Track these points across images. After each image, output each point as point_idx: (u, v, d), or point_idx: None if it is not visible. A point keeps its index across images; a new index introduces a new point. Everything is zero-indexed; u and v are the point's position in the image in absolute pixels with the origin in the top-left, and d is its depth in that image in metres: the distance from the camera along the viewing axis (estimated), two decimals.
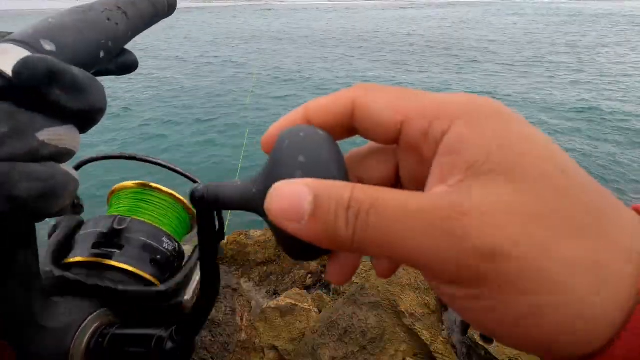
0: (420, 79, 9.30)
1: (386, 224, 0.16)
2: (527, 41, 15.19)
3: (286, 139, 0.19)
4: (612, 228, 0.16)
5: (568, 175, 0.16)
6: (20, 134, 0.19)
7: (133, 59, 0.31)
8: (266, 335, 1.54)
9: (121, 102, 7.58)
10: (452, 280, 0.16)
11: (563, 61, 11.30)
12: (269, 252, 2.08)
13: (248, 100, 7.56)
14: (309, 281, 2.04)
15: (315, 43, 15.85)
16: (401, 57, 12.36)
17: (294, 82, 9.16)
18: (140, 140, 5.92)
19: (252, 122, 6.04)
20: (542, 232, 0.15)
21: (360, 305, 1.51)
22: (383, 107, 0.19)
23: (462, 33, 19.06)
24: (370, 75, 9.73)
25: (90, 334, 0.28)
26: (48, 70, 0.19)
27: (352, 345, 1.41)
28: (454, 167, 0.17)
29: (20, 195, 0.18)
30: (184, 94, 8.25)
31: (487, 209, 0.15)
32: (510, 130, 0.17)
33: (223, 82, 8.95)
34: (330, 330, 1.46)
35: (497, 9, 39.27)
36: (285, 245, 0.20)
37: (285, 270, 2.07)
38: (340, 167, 0.19)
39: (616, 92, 7.95)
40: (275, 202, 0.17)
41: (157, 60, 11.80)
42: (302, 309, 1.60)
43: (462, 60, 11.55)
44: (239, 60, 12.22)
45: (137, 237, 0.35)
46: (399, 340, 1.42)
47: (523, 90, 8.17)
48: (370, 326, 1.44)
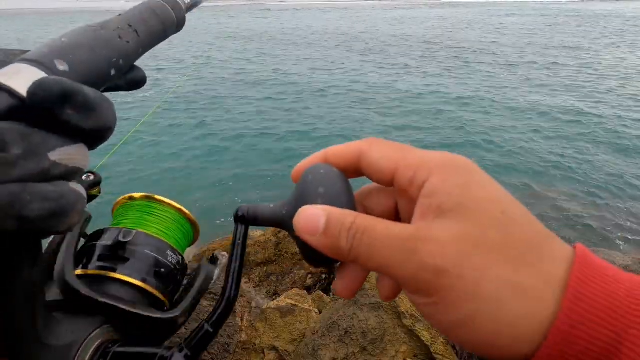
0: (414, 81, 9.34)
1: (373, 243, 0.22)
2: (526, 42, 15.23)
3: (310, 174, 0.26)
4: (539, 258, 0.21)
5: (507, 215, 0.21)
6: (34, 155, 0.19)
7: (142, 74, 0.31)
8: (266, 335, 1.54)
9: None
10: (414, 290, 0.22)
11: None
12: (269, 252, 2.09)
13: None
14: (309, 281, 2.04)
15: (308, 44, 15.86)
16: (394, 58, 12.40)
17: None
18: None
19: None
20: (478, 257, 0.20)
21: (360, 306, 1.51)
22: (381, 158, 0.25)
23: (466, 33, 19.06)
24: (365, 77, 9.77)
25: (92, 352, 0.28)
26: (62, 92, 0.19)
27: (352, 346, 1.41)
28: (429, 207, 0.22)
29: (30, 215, 0.19)
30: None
31: (440, 238, 0.21)
32: (470, 181, 0.22)
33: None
34: (331, 331, 1.46)
35: (497, 10, 39.44)
36: (305, 253, 0.26)
37: (285, 271, 2.08)
38: (349, 199, 0.25)
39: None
40: (300, 220, 0.23)
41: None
42: (303, 309, 1.61)
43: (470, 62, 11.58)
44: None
45: (143, 250, 0.35)
46: (400, 341, 1.42)
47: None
48: (371, 327, 1.44)
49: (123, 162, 5.10)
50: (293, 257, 2.03)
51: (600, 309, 0.19)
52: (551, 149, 5.53)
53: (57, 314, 0.29)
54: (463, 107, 7.43)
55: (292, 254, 2.03)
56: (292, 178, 0.29)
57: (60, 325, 0.28)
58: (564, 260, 0.21)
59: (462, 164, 0.23)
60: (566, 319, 0.19)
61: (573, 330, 0.19)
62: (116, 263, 0.33)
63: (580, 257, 0.21)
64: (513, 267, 0.20)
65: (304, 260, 0.28)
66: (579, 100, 7.71)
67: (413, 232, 0.21)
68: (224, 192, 4.64)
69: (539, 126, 6.38)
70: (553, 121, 6.59)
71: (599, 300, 0.19)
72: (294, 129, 6.49)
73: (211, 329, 0.29)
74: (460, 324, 0.21)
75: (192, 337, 0.29)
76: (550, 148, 5.55)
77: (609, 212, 4.12)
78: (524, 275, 0.20)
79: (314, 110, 7.38)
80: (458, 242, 0.20)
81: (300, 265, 2.01)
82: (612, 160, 5.24)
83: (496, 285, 0.20)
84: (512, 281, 0.20)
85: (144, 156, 5.48)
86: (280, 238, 2.07)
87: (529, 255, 0.21)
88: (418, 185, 0.23)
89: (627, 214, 4.08)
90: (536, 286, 0.20)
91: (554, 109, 7.16)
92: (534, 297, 0.20)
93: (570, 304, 0.19)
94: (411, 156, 0.24)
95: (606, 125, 6.39)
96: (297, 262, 2.02)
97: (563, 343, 0.19)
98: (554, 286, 0.20)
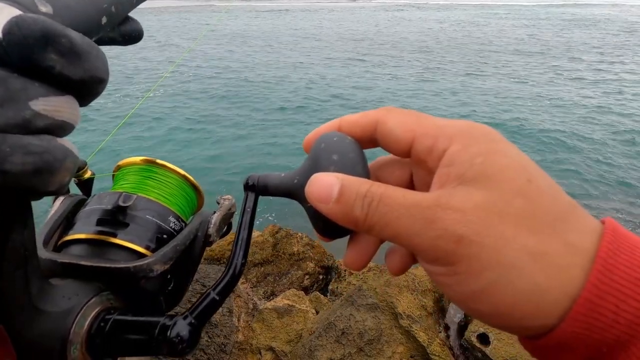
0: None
1: (389, 211, 0.21)
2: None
3: (323, 142, 0.25)
4: (566, 229, 0.20)
5: (532, 183, 0.20)
6: (12, 102, 0.17)
7: (138, 27, 0.28)
8: (263, 336, 1.53)
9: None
10: (432, 259, 0.21)
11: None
12: (267, 252, 2.08)
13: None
14: (306, 282, 2.04)
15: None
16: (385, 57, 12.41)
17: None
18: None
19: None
20: (502, 226, 0.19)
21: (357, 306, 1.51)
22: (398, 126, 0.24)
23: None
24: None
25: (92, 319, 0.27)
26: (43, 32, 0.17)
27: (349, 346, 1.41)
28: (449, 176, 0.21)
29: (12, 169, 0.17)
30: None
31: (461, 207, 0.20)
32: (492, 149, 0.21)
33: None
34: (328, 331, 1.46)
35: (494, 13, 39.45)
36: (317, 224, 0.26)
37: (282, 271, 2.07)
38: (364, 166, 0.24)
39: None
40: (312, 188, 0.23)
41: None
42: (300, 310, 1.60)
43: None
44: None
45: (144, 215, 0.33)
46: (396, 342, 1.42)
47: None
48: (368, 327, 1.44)
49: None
50: (290, 258, 2.03)
51: (630, 280, 0.18)
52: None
53: (54, 279, 0.27)
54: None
55: (289, 255, 2.03)
56: (303, 147, 0.27)
57: (57, 291, 0.26)
58: (591, 232, 0.20)
59: (484, 131, 0.22)
60: (594, 289, 0.18)
61: (601, 301, 0.18)
62: (116, 228, 0.32)
63: (610, 230, 0.20)
64: (538, 237, 0.19)
65: (316, 232, 0.27)
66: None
67: (433, 200, 0.20)
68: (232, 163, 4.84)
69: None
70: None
71: (629, 272, 0.18)
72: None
73: (217, 297, 0.28)
74: (480, 294, 0.20)
75: (197, 304, 0.28)
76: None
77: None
78: (549, 245, 0.19)
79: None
80: (481, 211, 0.20)
81: (297, 266, 2.01)
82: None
83: (519, 254, 0.19)
84: (537, 251, 0.19)
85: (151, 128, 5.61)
86: (277, 238, 2.07)
87: (555, 225, 0.20)
88: (438, 154, 0.22)
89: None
90: (562, 256, 0.19)
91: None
92: (560, 268, 0.19)
93: (599, 274, 0.19)
94: (430, 124, 0.23)
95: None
96: (294, 263, 2.02)
97: (589, 314, 0.18)
98: (581, 257, 0.19)
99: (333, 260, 2.14)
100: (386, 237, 0.22)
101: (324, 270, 2.07)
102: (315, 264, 2.03)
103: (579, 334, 0.19)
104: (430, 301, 1.58)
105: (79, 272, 0.29)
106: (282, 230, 2.10)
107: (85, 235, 0.32)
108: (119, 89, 8.34)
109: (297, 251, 2.03)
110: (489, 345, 1.39)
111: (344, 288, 1.94)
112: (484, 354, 1.39)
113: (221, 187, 4.34)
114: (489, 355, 1.37)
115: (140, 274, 0.30)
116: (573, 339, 0.19)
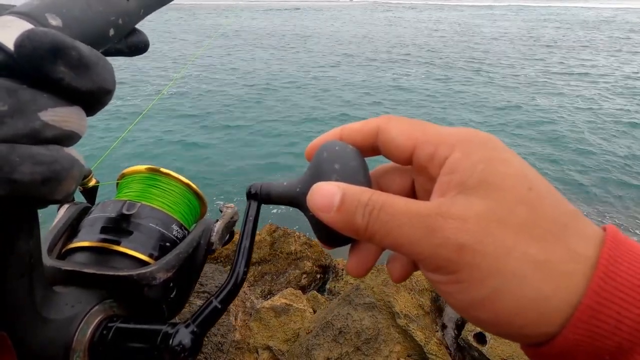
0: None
1: (390, 219, 0.21)
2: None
3: (325, 150, 0.25)
4: (567, 236, 0.20)
5: (533, 191, 0.20)
6: (21, 113, 0.18)
7: (144, 38, 0.29)
8: (260, 335, 1.53)
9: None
10: (434, 268, 0.21)
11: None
12: (264, 251, 2.08)
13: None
14: (303, 281, 2.04)
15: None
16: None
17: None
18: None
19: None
20: (503, 235, 0.19)
21: (355, 305, 1.51)
22: (399, 134, 0.24)
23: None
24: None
25: (94, 327, 0.27)
26: (52, 45, 0.18)
27: (346, 345, 1.41)
28: (450, 184, 0.21)
29: (21, 179, 0.17)
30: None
31: (463, 215, 0.20)
32: (493, 157, 0.21)
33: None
34: (325, 330, 1.46)
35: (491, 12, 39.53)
36: (319, 232, 0.26)
37: (280, 270, 2.07)
38: (365, 175, 0.24)
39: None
40: (314, 197, 0.23)
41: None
42: (297, 309, 1.60)
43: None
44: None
45: (147, 223, 0.33)
46: (394, 341, 1.42)
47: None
48: (365, 327, 1.44)
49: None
50: (288, 257, 2.03)
51: (631, 287, 0.18)
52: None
53: (57, 287, 0.28)
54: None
55: (286, 254, 2.03)
56: (305, 155, 0.28)
57: (61, 298, 0.26)
58: (593, 239, 0.20)
59: (485, 139, 0.22)
60: (595, 296, 0.18)
61: (602, 307, 0.18)
62: (120, 236, 0.32)
63: (611, 237, 0.20)
64: (540, 245, 0.19)
65: (318, 240, 0.27)
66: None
67: (434, 208, 0.20)
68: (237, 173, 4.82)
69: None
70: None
71: (631, 279, 0.18)
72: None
73: (219, 305, 0.28)
74: (481, 302, 0.20)
75: (199, 312, 0.28)
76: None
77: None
78: (551, 253, 0.19)
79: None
80: (482, 219, 0.20)
81: (294, 265, 2.01)
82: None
83: (521, 262, 0.19)
84: (539, 258, 0.19)
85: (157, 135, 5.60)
86: (275, 237, 2.07)
87: (556, 233, 0.20)
88: (439, 161, 0.22)
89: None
90: (564, 264, 0.19)
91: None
92: (561, 275, 0.19)
93: (600, 282, 0.19)
94: (431, 132, 0.23)
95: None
96: (291, 262, 2.02)
97: (591, 321, 0.18)
98: (582, 264, 0.19)
99: (330, 259, 2.14)
100: (387, 245, 0.22)
101: (321, 270, 2.07)
102: (313, 263, 2.03)
103: (581, 342, 0.19)
104: (428, 300, 1.58)
105: (82, 279, 0.29)
106: (280, 229, 2.09)
107: (89, 243, 0.32)
108: (129, 93, 8.28)
109: (295, 250, 2.03)
110: (486, 344, 1.40)
111: (342, 287, 1.94)
112: (480, 353, 1.40)
113: (224, 195, 4.34)
114: (485, 354, 1.37)
115: (144, 282, 0.30)
116: (575, 346, 0.19)
